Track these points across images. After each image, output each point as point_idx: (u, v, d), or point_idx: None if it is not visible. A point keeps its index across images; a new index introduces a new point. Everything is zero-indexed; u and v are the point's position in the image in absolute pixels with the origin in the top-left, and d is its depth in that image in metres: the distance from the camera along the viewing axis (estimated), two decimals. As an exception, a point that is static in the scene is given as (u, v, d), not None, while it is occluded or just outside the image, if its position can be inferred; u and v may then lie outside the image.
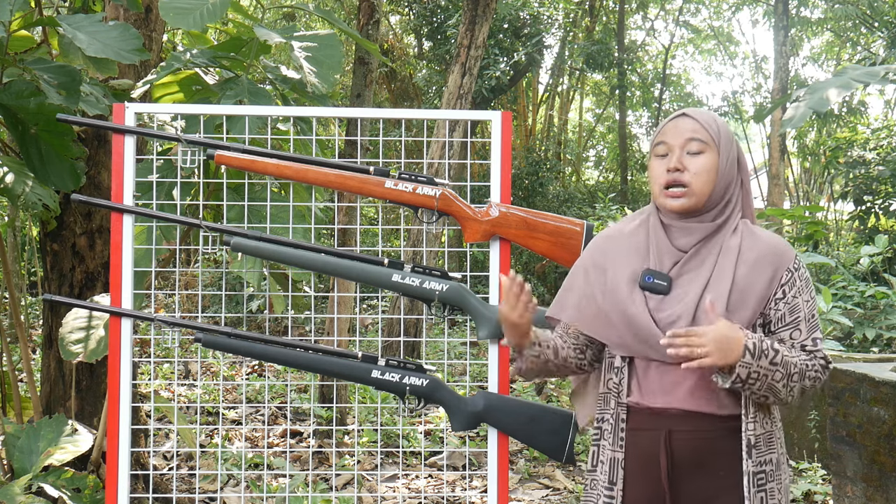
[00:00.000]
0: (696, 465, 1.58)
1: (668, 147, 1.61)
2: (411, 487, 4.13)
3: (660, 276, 1.59)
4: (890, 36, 10.71)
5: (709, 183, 1.58)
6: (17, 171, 2.69)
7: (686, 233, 1.61)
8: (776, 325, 1.59)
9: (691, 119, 1.61)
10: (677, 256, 1.61)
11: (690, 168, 1.58)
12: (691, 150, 1.59)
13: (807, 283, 1.61)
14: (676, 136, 1.61)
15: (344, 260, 2.12)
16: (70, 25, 2.49)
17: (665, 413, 1.59)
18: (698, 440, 1.58)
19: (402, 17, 12.85)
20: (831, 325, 5.15)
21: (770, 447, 1.58)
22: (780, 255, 1.59)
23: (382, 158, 2.33)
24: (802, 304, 1.59)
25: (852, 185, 8.78)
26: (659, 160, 1.63)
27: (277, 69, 2.81)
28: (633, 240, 1.67)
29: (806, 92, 3.28)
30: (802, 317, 1.58)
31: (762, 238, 1.62)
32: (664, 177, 1.60)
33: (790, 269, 1.59)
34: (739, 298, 1.56)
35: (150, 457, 3.34)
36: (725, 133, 1.62)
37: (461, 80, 6.09)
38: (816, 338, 1.60)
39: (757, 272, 1.57)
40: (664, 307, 1.58)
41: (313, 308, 2.35)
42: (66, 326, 2.65)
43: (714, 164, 1.59)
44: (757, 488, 1.55)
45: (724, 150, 1.60)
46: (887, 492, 2.85)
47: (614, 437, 1.64)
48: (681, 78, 17.78)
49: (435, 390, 2.08)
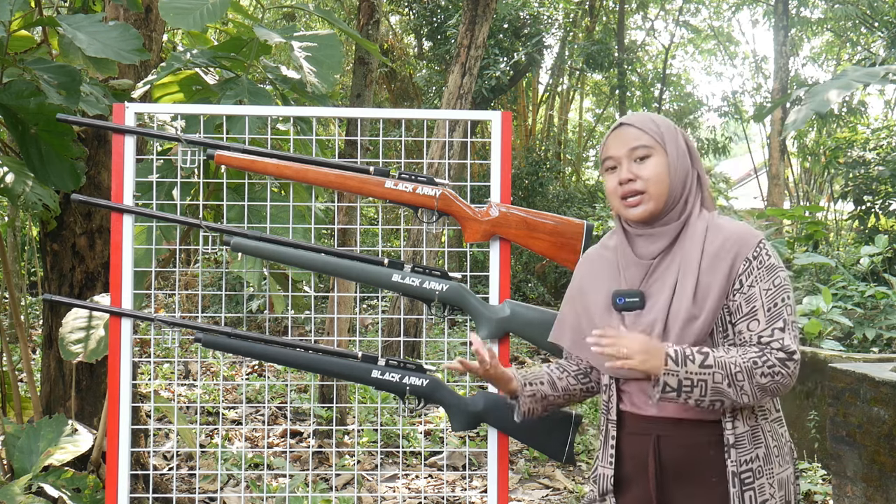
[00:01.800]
0: (685, 471, 1.58)
1: (615, 160, 1.62)
2: (411, 487, 4.13)
3: (630, 295, 1.60)
4: (890, 36, 10.71)
5: (663, 184, 1.59)
6: (17, 171, 2.69)
7: (652, 240, 1.61)
8: (735, 317, 1.56)
9: (630, 126, 1.62)
10: (644, 267, 1.61)
11: (642, 174, 1.59)
12: (637, 157, 1.60)
13: (769, 270, 1.55)
14: (620, 146, 1.61)
15: (344, 260, 2.12)
16: (70, 25, 2.49)
17: (654, 418, 1.60)
18: (685, 446, 1.58)
19: (402, 17, 12.85)
20: (831, 325, 5.15)
21: (756, 443, 1.56)
22: (739, 246, 1.56)
23: (382, 158, 2.33)
24: (760, 293, 1.54)
25: (852, 185, 8.78)
26: (610, 174, 1.64)
27: (277, 69, 2.81)
28: (606, 259, 1.69)
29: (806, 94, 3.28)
30: (759, 306, 1.54)
31: (723, 229, 1.59)
32: (619, 189, 1.61)
33: (748, 259, 1.55)
34: (703, 297, 1.55)
35: (150, 457, 3.34)
36: (668, 130, 1.62)
37: (461, 80, 6.09)
38: (776, 328, 1.53)
39: (716, 266, 1.56)
40: (639, 321, 1.59)
41: (313, 308, 2.35)
42: (66, 326, 2.65)
43: (664, 165, 1.59)
44: (744, 487, 1.54)
45: (671, 146, 1.60)
46: (887, 492, 2.85)
47: (604, 453, 1.67)
48: (681, 78, 17.77)
49: (435, 390, 2.08)
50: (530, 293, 11.23)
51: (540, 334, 2.08)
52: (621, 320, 1.61)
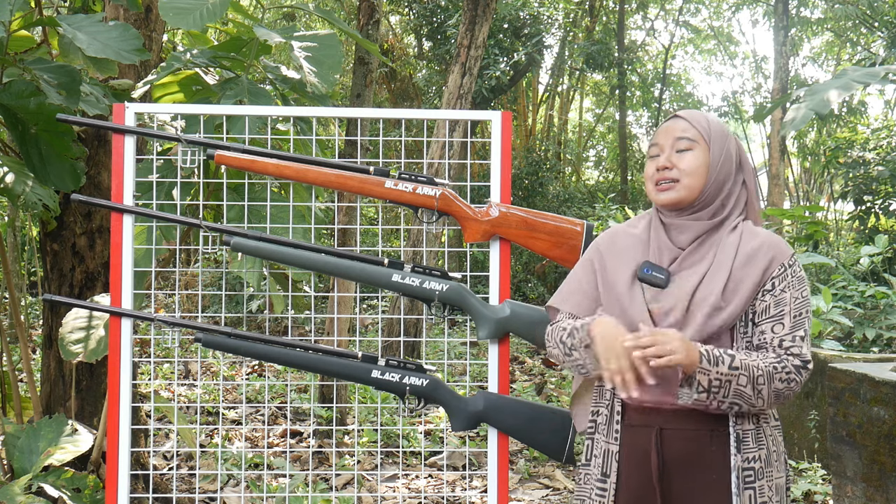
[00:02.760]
0: (687, 463, 1.58)
1: (659, 148, 1.66)
2: (411, 487, 4.13)
3: (658, 269, 1.62)
4: (890, 36, 10.71)
5: (699, 177, 1.62)
6: (17, 171, 2.69)
7: (683, 230, 1.64)
8: (760, 317, 1.58)
9: (682, 119, 1.66)
10: (676, 253, 1.64)
11: (679, 165, 1.63)
12: (680, 148, 1.64)
13: (800, 281, 1.60)
14: (667, 136, 1.66)
15: (344, 260, 2.12)
16: (70, 25, 2.49)
17: (657, 410, 1.60)
18: (689, 439, 1.58)
19: (402, 17, 12.85)
20: (831, 325, 5.15)
21: (759, 444, 1.57)
22: (777, 250, 1.60)
23: (382, 158, 2.33)
24: (790, 299, 1.57)
25: (852, 185, 8.78)
26: (652, 161, 1.68)
27: (277, 69, 2.81)
28: (636, 236, 1.71)
29: (806, 93, 3.28)
30: (787, 311, 1.57)
31: (761, 235, 1.63)
32: (655, 175, 1.66)
33: (784, 265, 1.59)
34: (733, 289, 1.57)
35: (150, 457, 3.34)
36: (718, 130, 1.65)
37: (461, 80, 6.09)
38: (798, 335, 1.56)
39: (751, 265, 1.58)
40: (660, 299, 1.61)
41: (313, 308, 2.35)
42: (66, 326, 2.65)
43: (704, 160, 1.62)
44: (745, 485, 1.54)
45: (716, 146, 1.63)
46: (887, 492, 2.85)
47: (609, 429, 1.66)
48: (681, 78, 17.78)
49: (435, 390, 2.08)
50: (530, 293, 11.24)
51: (540, 334, 2.08)
52: (642, 292, 1.62)
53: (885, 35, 11.14)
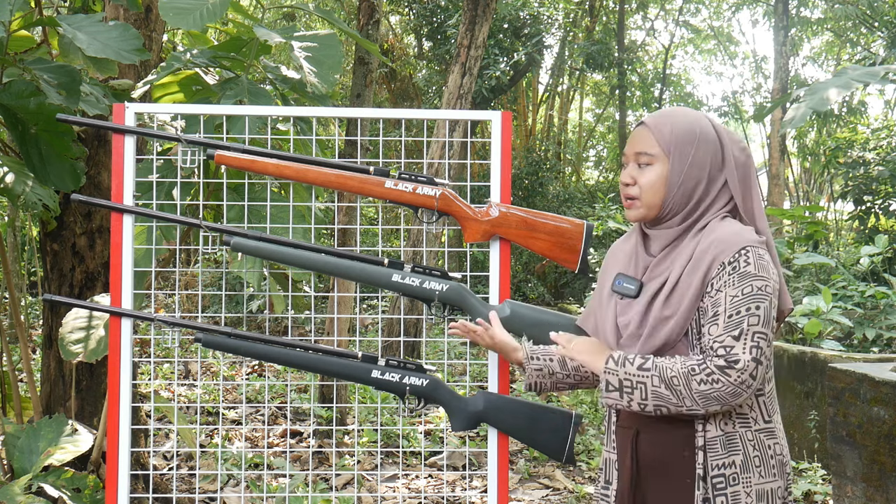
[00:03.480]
0: (660, 468, 1.59)
1: (626, 158, 1.66)
2: (411, 487, 4.13)
3: (629, 281, 1.64)
4: (890, 36, 10.71)
5: (657, 194, 1.60)
6: (17, 171, 2.69)
7: (655, 238, 1.65)
8: (702, 321, 1.54)
9: (645, 128, 1.63)
10: (647, 261, 1.65)
11: (640, 180, 1.62)
12: (641, 162, 1.62)
13: (741, 277, 1.50)
14: (631, 146, 1.65)
15: (344, 260, 2.12)
16: (70, 25, 2.49)
17: (637, 415, 1.61)
18: (661, 443, 1.59)
19: (402, 17, 12.85)
20: (831, 325, 5.15)
21: (731, 449, 1.53)
22: (718, 250, 1.53)
23: (382, 158, 2.33)
24: (725, 298, 1.50)
25: (852, 185, 8.78)
26: (623, 169, 1.68)
27: (277, 69, 2.81)
28: (624, 251, 1.72)
29: (806, 92, 3.28)
30: (722, 311, 1.50)
31: (714, 233, 1.56)
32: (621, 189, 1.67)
33: (723, 263, 1.52)
34: (677, 300, 1.55)
35: (150, 457, 3.34)
36: (681, 138, 1.58)
37: (461, 80, 6.09)
38: (731, 335, 1.48)
39: (695, 270, 1.55)
40: (625, 311, 1.63)
41: (313, 308, 2.35)
42: (66, 326, 2.65)
43: (662, 174, 1.59)
44: (715, 492, 1.52)
45: (678, 156, 1.58)
46: (887, 492, 2.85)
47: (608, 438, 1.70)
48: (681, 78, 17.78)
49: (435, 390, 2.08)
50: (530, 293, 11.24)
51: (540, 334, 2.07)
52: (615, 306, 1.65)
53: (885, 35, 11.14)
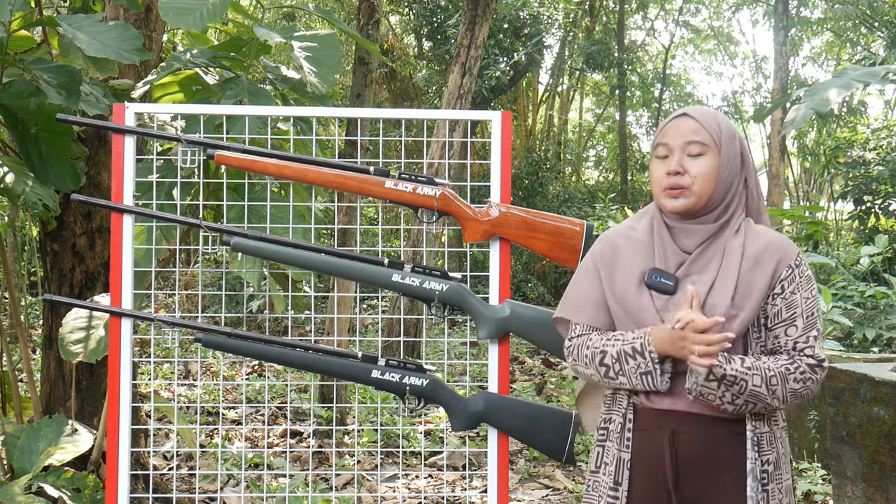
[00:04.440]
0: (701, 466, 1.57)
1: (668, 149, 1.60)
2: (411, 487, 4.13)
3: (666, 276, 1.59)
4: (890, 36, 10.71)
5: (709, 184, 1.57)
6: (17, 171, 2.69)
7: (688, 234, 1.61)
8: (773, 321, 1.58)
9: (692, 119, 1.60)
10: (682, 258, 1.60)
11: (691, 170, 1.57)
12: (691, 153, 1.58)
13: (808, 280, 1.58)
14: (677, 137, 1.59)
15: (344, 260, 2.12)
16: (70, 25, 2.49)
17: (670, 413, 1.59)
18: (702, 442, 1.57)
19: (402, 17, 12.85)
20: (831, 325, 5.15)
21: (772, 446, 1.57)
22: (782, 252, 1.58)
23: (382, 158, 2.33)
24: (801, 300, 1.57)
25: (852, 185, 8.78)
26: (659, 162, 1.62)
27: (277, 69, 2.81)
28: (639, 239, 1.66)
29: (806, 93, 3.28)
30: (799, 313, 1.56)
31: (764, 235, 1.61)
32: (665, 180, 1.59)
33: (791, 266, 1.58)
34: (743, 296, 1.55)
35: (150, 457, 3.34)
36: (727, 132, 1.60)
37: (461, 80, 6.09)
38: (811, 335, 1.56)
39: (758, 269, 1.56)
40: (671, 308, 1.57)
41: (313, 308, 2.35)
42: (66, 326, 2.65)
43: (714, 166, 1.58)
44: (761, 486, 1.54)
45: (726, 150, 1.59)
46: (887, 492, 2.85)
47: (621, 437, 1.63)
48: (681, 78, 17.78)
49: (435, 390, 2.08)
50: (530, 293, 11.23)
51: (540, 334, 2.08)
52: (651, 300, 1.59)
53: (885, 35, 11.14)
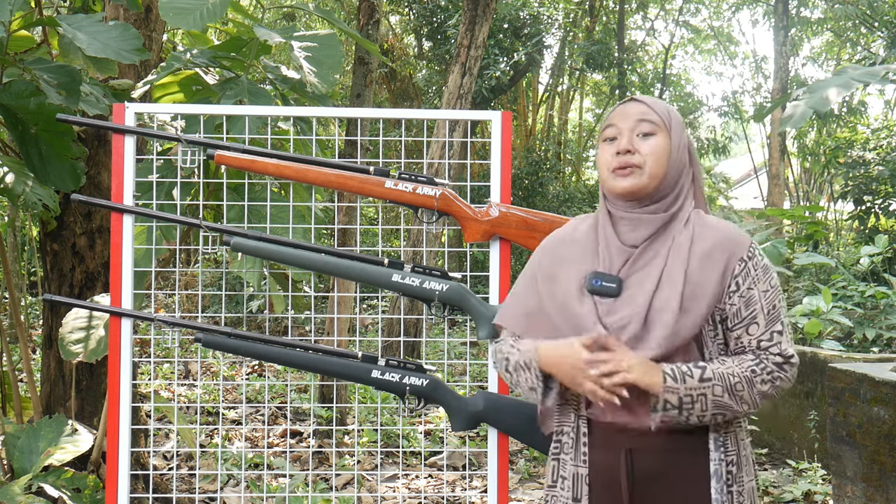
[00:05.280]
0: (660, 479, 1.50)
1: (617, 130, 1.54)
2: (411, 487, 4.13)
3: (608, 279, 1.51)
4: (890, 36, 10.71)
5: (661, 165, 1.52)
6: (17, 171, 2.69)
7: (636, 226, 1.53)
8: (732, 322, 1.49)
9: (641, 103, 1.56)
10: (627, 254, 1.53)
11: (642, 150, 1.52)
12: (642, 131, 1.53)
13: (764, 271, 1.51)
14: (626, 119, 1.54)
15: (344, 260, 2.12)
16: (70, 25, 2.50)
17: (624, 430, 1.51)
18: (660, 456, 1.50)
19: (402, 17, 12.85)
20: (831, 325, 5.15)
21: (733, 448, 1.51)
22: (733, 245, 1.50)
23: (382, 158, 2.33)
24: (759, 295, 1.49)
25: (852, 185, 8.78)
26: (608, 144, 1.56)
27: (277, 69, 2.81)
28: (582, 242, 1.60)
29: (806, 91, 3.28)
30: (759, 309, 1.48)
31: (714, 227, 1.53)
32: (614, 160, 1.53)
33: (743, 259, 1.50)
34: (692, 295, 1.47)
35: (150, 457, 3.34)
36: (676, 119, 1.56)
37: (461, 80, 6.09)
38: (775, 331, 1.48)
39: (709, 266, 1.48)
40: (615, 310, 1.49)
41: (313, 308, 2.35)
42: (66, 326, 2.65)
43: (666, 146, 1.53)
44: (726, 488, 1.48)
45: (676, 135, 1.54)
46: (887, 492, 2.85)
47: (576, 451, 1.56)
48: (681, 78, 17.76)
49: (435, 390, 2.08)
50: (530, 293, 11.21)
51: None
52: (594, 306, 1.51)
53: (885, 35, 11.14)
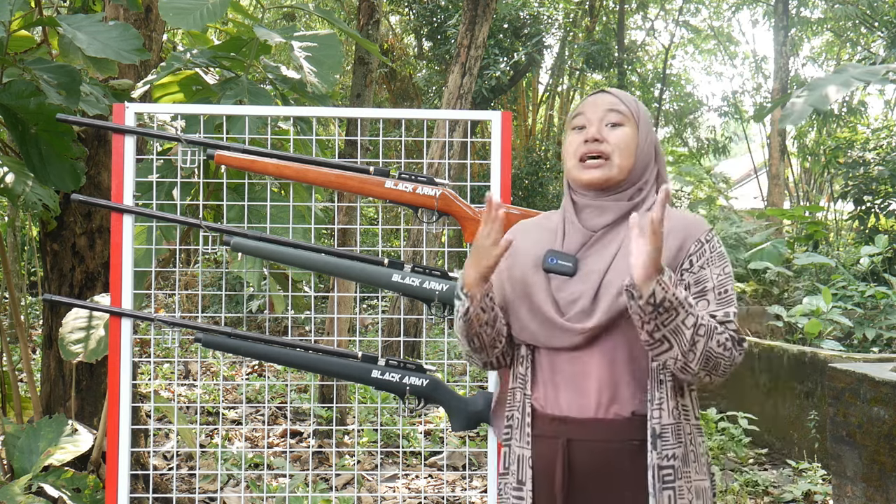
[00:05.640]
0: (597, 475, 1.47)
1: (586, 119, 1.54)
2: (411, 487, 4.13)
3: (564, 257, 1.51)
4: (890, 36, 10.71)
5: (629, 156, 1.52)
6: (17, 171, 2.69)
7: (599, 212, 1.53)
8: None
9: (610, 95, 1.56)
10: (587, 236, 1.53)
11: (610, 139, 1.51)
12: (610, 121, 1.53)
13: (720, 257, 1.50)
14: (595, 108, 1.54)
15: (344, 260, 2.12)
16: (70, 25, 2.50)
17: (565, 420, 1.49)
18: (598, 451, 1.46)
19: (402, 17, 12.85)
20: (831, 325, 5.15)
21: (677, 441, 1.45)
22: (691, 227, 1.51)
23: (382, 158, 2.33)
24: (710, 275, 1.48)
25: (852, 185, 8.78)
26: (576, 133, 1.55)
27: (277, 69, 2.81)
28: (545, 227, 1.61)
29: (805, 89, 3.27)
30: (710, 287, 1.47)
31: (674, 213, 1.53)
32: (582, 148, 1.52)
33: (700, 241, 1.50)
34: None
35: (150, 457, 3.34)
36: (645, 114, 1.57)
37: (461, 80, 6.09)
38: (729, 311, 1.46)
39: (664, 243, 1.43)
40: (566, 287, 1.50)
41: (313, 308, 2.35)
42: (66, 326, 2.65)
43: (633, 137, 1.53)
44: (663, 485, 1.43)
45: (643, 128, 1.55)
46: (887, 492, 2.85)
47: (521, 432, 1.54)
48: (681, 78, 17.77)
49: (435, 390, 2.08)
50: (530, 293, 11.21)
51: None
52: (547, 281, 1.51)
53: (885, 35, 11.14)
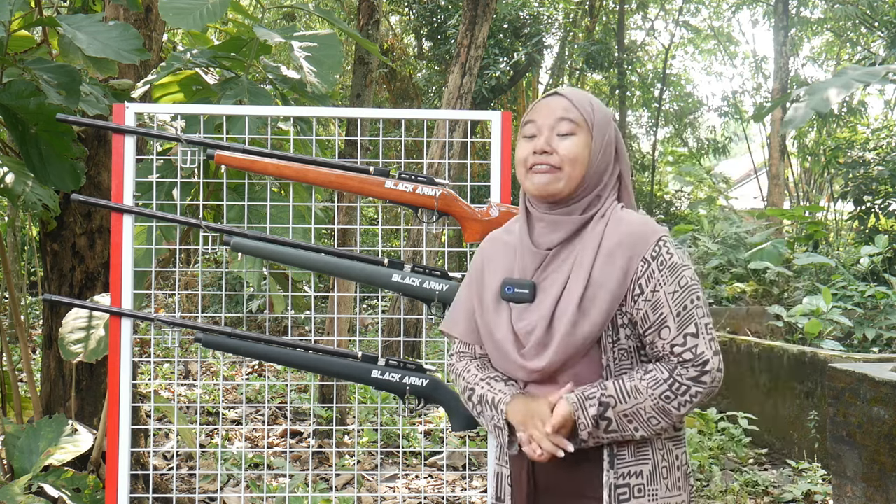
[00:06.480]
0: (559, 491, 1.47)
1: (536, 127, 1.47)
2: (411, 487, 4.13)
3: (521, 285, 1.46)
4: (890, 36, 10.71)
5: (580, 167, 1.44)
6: (17, 171, 2.69)
7: (553, 228, 1.47)
8: (642, 327, 1.41)
9: (563, 98, 1.47)
10: (541, 258, 1.47)
11: (560, 150, 1.44)
12: (561, 131, 1.45)
13: (671, 271, 1.40)
14: (547, 115, 1.46)
15: (344, 260, 2.12)
16: (70, 25, 2.50)
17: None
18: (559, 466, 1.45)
19: (402, 17, 12.85)
20: (831, 325, 5.15)
21: (640, 459, 1.43)
22: (636, 242, 1.41)
23: (382, 158, 2.33)
24: (665, 298, 1.39)
25: (852, 185, 8.78)
26: (526, 141, 1.48)
27: (277, 69, 2.81)
28: (507, 243, 1.56)
29: (806, 92, 3.28)
30: (668, 312, 1.38)
31: (625, 222, 1.44)
32: (531, 158, 1.45)
33: (646, 259, 1.40)
34: (592, 297, 1.40)
35: (150, 457, 3.34)
36: (601, 115, 1.47)
37: (461, 80, 6.09)
38: (688, 335, 1.38)
39: (609, 265, 1.40)
40: (524, 317, 1.46)
41: (313, 308, 2.35)
42: (66, 326, 2.65)
43: (586, 146, 1.44)
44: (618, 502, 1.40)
45: (599, 133, 1.46)
46: (887, 492, 2.85)
47: (500, 452, 1.56)
48: (681, 78, 17.77)
49: (435, 390, 2.08)
50: (530, 293, 11.21)
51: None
52: (508, 312, 1.48)
53: (885, 35, 11.14)
